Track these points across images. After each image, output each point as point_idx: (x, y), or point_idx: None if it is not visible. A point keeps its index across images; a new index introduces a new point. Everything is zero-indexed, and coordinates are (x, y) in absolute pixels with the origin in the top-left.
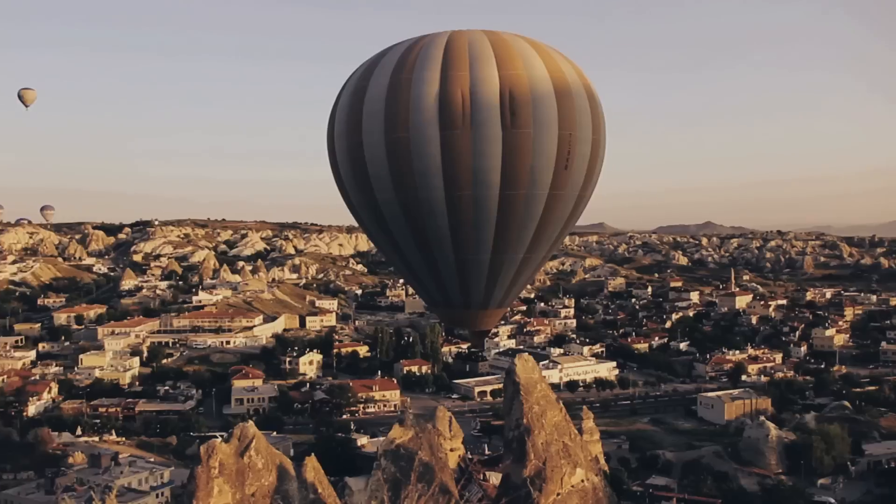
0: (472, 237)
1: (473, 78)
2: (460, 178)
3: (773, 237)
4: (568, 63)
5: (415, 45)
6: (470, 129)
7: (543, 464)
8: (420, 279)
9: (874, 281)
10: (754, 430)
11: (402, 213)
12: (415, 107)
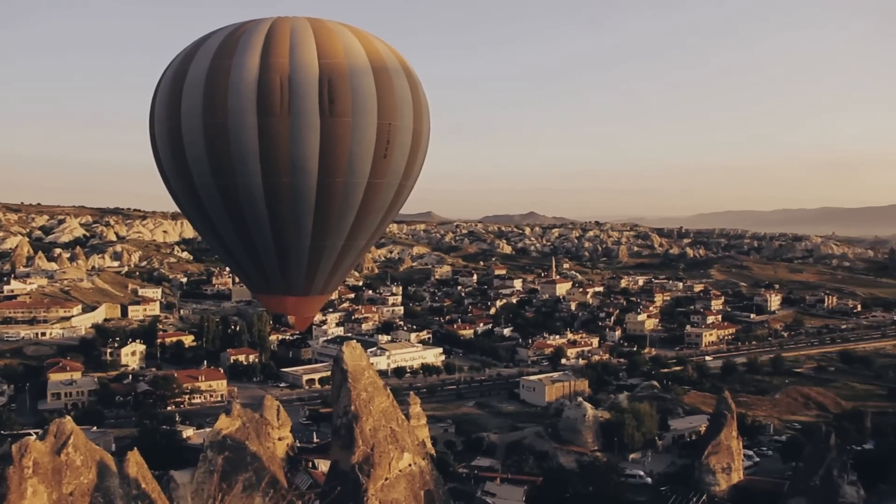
0: (292, 224)
1: (293, 65)
2: (278, 165)
3: (591, 228)
4: (391, 52)
5: (237, 30)
6: (288, 116)
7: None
8: (242, 266)
9: (681, 269)
10: (573, 410)
11: (222, 200)
12: (233, 92)
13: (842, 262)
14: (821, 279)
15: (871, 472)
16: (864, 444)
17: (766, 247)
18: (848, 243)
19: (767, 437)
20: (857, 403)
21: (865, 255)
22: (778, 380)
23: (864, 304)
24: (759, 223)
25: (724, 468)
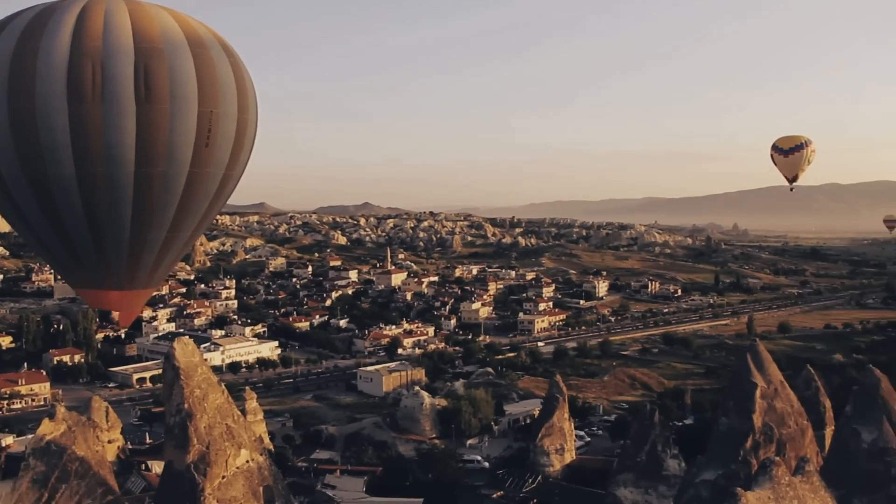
0: (109, 216)
1: (107, 48)
2: (92, 154)
3: (425, 218)
4: (213, 36)
5: (46, 9)
6: (101, 102)
7: (207, 448)
8: (59, 261)
9: (513, 258)
10: (410, 399)
11: (32, 191)
12: (41, 76)
13: (664, 250)
14: (645, 266)
15: (690, 445)
16: (684, 420)
17: (593, 235)
18: (669, 231)
19: (597, 418)
20: (678, 382)
21: (685, 242)
22: (606, 362)
23: (683, 289)
24: (587, 213)
25: (558, 449)
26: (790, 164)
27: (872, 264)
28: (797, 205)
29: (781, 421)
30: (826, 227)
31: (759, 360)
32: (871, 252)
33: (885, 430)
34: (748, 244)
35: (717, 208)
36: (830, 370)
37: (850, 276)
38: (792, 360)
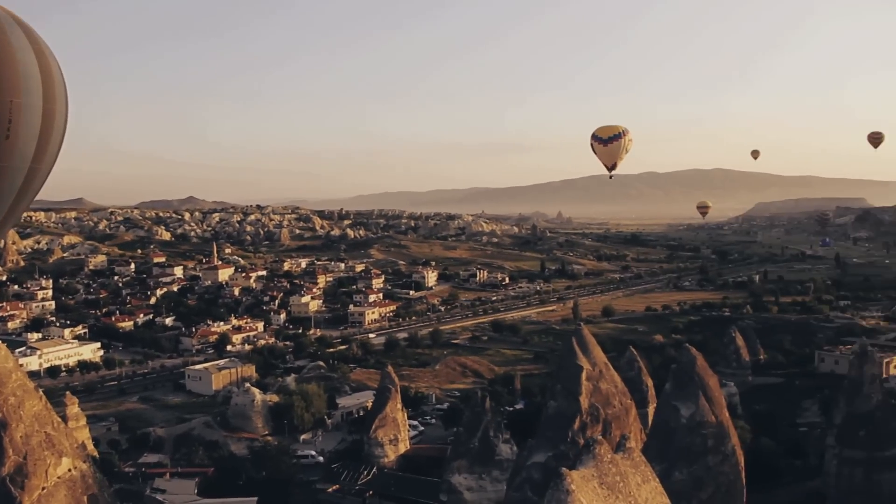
0: None
1: None
2: None
3: (252, 211)
4: (14, 22)
5: None
6: None
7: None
8: None
9: (342, 250)
10: (241, 396)
11: None
12: None
13: (491, 239)
14: (472, 255)
15: (522, 429)
16: (515, 405)
17: (422, 226)
18: (496, 221)
19: (430, 407)
20: (508, 368)
21: (511, 231)
22: (437, 352)
23: (511, 277)
24: (415, 204)
25: (392, 440)
26: (609, 152)
27: (688, 248)
28: (617, 193)
29: (607, 401)
30: (645, 214)
31: (584, 343)
32: (687, 237)
33: (701, 405)
34: (572, 231)
35: (541, 197)
36: (652, 350)
37: (667, 260)
38: (616, 343)
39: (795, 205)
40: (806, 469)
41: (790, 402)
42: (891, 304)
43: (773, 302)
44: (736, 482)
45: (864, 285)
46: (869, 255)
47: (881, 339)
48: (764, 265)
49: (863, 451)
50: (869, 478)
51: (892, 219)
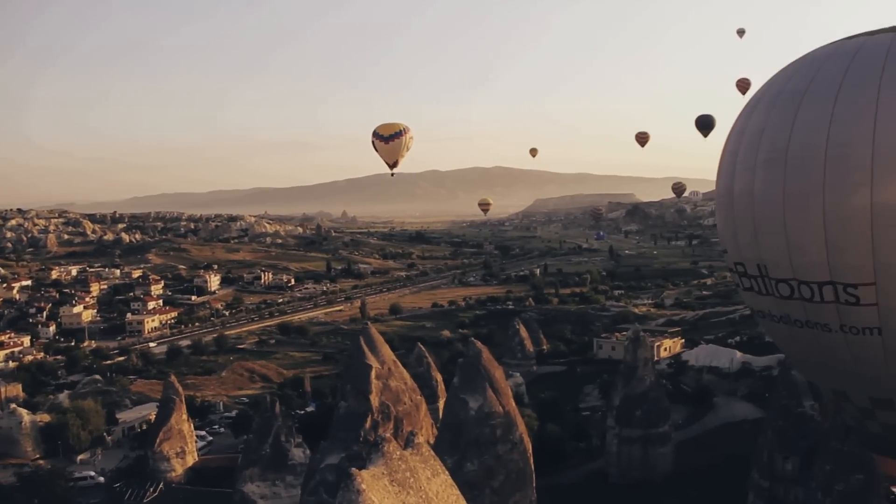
0: None
1: None
2: None
3: (13, 216)
4: None
5: None
6: None
7: None
8: None
9: (117, 256)
10: (6, 419)
11: None
12: None
13: (275, 240)
14: (256, 257)
15: (313, 431)
16: (306, 408)
17: (202, 228)
18: (280, 221)
19: (218, 416)
20: (297, 371)
21: (296, 231)
22: (223, 358)
23: (296, 278)
24: (194, 205)
25: (178, 453)
26: (391, 150)
27: (471, 245)
28: (401, 191)
29: (397, 398)
30: (429, 212)
31: (372, 342)
32: (470, 233)
33: (488, 397)
34: (357, 231)
35: (326, 197)
36: (440, 346)
37: (452, 256)
38: (404, 340)
39: (572, 201)
40: (590, 450)
41: (573, 389)
42: (659, 292)
43: (554, 294)
44: (525, 468)
45: (636, 275)
46: (639, 247)
47: (652, 325)
48: (544, 259)
49: (639, 429)
50: (646, 453)
51: (659, 213)
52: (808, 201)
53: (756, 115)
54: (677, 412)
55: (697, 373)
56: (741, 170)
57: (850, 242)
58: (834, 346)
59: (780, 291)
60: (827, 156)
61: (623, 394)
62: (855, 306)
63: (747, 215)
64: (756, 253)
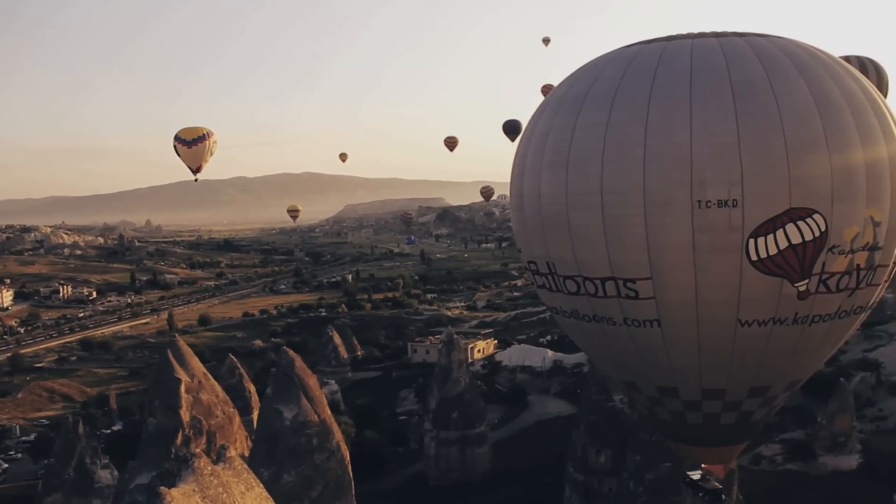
0: None
1: None
2: None
3: None
4: None
5: None
6: None
7: None
8: None
9: None
10: None
11: None
12: None
13: (74, 251)
14: (54, 269)
15: (121, 451)
16: (112, 427)
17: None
18: (79, 232)
19: (15, 441)
20: (102, 388)
21: (96, 242)
22: (19, 378)
23: (98, 291)
24: None
25: None
26: (194, 154)
27: (281, 252)
28: (208, 199)
29: (209, 412)
30: (237, 219)
31: (181, 355)
32: (280, 240)
33: (303, 406)
34: (162, 240)
35: (128, 205)
36: (252, 356)
37: (262, 264)
38: (215, 351)
39: (382, 205)
40: (408, 454)
41: (389, 394)
42: (471, 294)
43: (367, 299)
44: (344, 476)
45: (448, 278)
46: (450, 251)
47: (465, 327)
48: (356, 264)
49: (456, 430)
50: (464, 454)
51: (469, 216)
52: (587, 201)
53: (543, 118)
54: (493, 412)
55: (511, 373)
56: (529, 172)
57: (627, 239)
58: (620, 339)
59: (568, 288)
60: (604, 158)
61: (439, 396)
62: (635, 300)
63: (536, 215)
64: (545, 251)
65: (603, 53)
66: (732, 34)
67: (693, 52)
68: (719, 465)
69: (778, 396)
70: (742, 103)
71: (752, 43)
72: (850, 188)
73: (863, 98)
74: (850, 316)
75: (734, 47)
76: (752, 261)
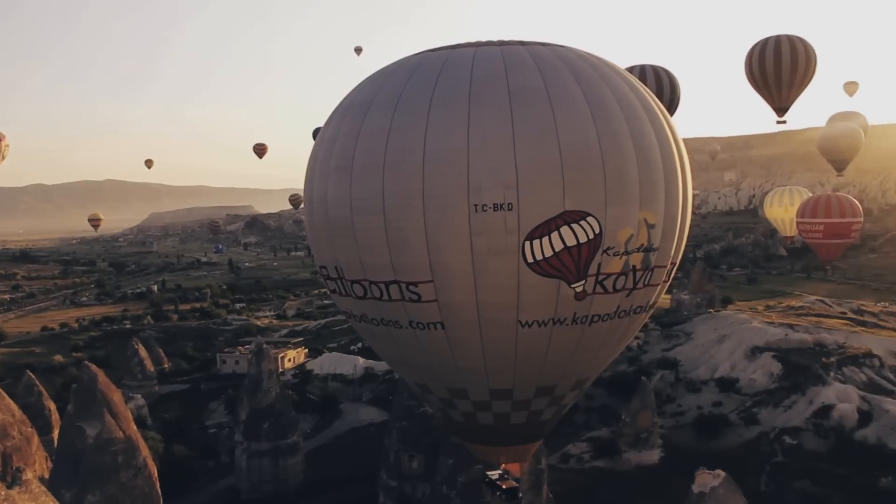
0: None
1: None
2: None
3: None
4: None
5: None
6: None
7: None
8: None
9: None
10: None
11: None
12: None
13: None
14: None
15: None
16: None
17: None
18: None
19: None
20: None
21: None
22: None
23: None
24: None
25: None
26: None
27: (83, 262)
28: (3, 207)
29: (4, 433)
30: (34, 229)
31: None
32: (81, 250)
33: (107, 423)
34: None
35: None
36: (52, 372)
37: (62, 275)
38: (11, 368)
39: (188, 214)
40: (219, 468)
41: (198, 406)
42: (281, 303)
43: (174, 310)
44: (151, 493)
45: (257, 287)
46: (259, 259)
47: (275, 337)
48: (162, 274)
49: (268, 442)
50: (276, 465)
51: (278, 224)
52: (370, 206)
53: (332, 125)
54: (305, 422)
55: (323, 381)
56: (318, 177)
57: (408, 243)
58: (407, 342)
59: (356, 292)
60: (385, 163)
61: (249, 408)
62: (418, 303)
63: (324, 220)
64: (333, 256)
65: (393, 62)
66: (516, 43)
67: (475, 60)
68: (516, 463)
69: (566, 395)
70: (518, 110)
71: (533, 51)
72: (623, 192)
73: (638, 105)
74: (630, 315)
75: (514, 55)
76: (529, 263)
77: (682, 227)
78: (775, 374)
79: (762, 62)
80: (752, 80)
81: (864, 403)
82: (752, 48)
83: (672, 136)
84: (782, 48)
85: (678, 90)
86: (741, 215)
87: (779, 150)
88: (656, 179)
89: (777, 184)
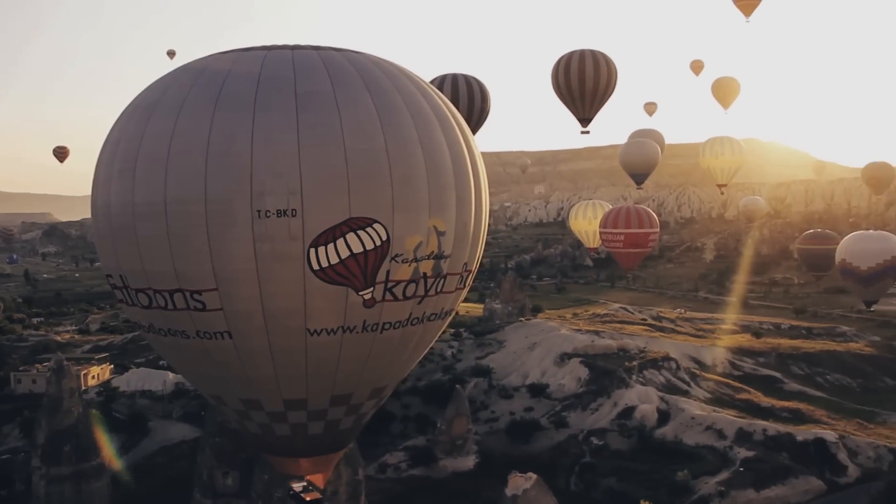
0: None
1: None
2: None
3: None
4: None
5: None
6: None
7: None
8: None
9: None
10: None
11: None
12: None
13: None
14: None
15: None
16: None
17: None
18: None
19: None
20: None
21: None
22: None
23: None
24: None
25: None
26: None
27: None
28: None
29: None
30: None
31: None
32: None
33: None
34: None
35: None
36: None
37: None
38: None
39: None
40: (14, 496)
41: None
42: (84, 317)
43: None
44: None
45: (57, 300)
46: (59, 270)
47: (78, 353)
48: None
49: (69, 465)
50: (79, 491)
51: (80, 233)
52: (152, 211)
53: (118, 126)
54: (112, 441)
55: (130, 398)
56: (102, 181)
57: (191, 250)
58: (196, 353)
59: (141, 301)
60: (168, 167)
61: (48, 430)
62: (203, 312)
63: (107, 226)
64: (117, 264)
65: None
66: (309, 47)
67: (265, 63)
68: (319, 474)
69: (364, 404)
70: (305, 114)
71: (324, 56)
72: (411, 199)
73: (430, 112)
74: (424, 323)
75: (305, 59)
76: (314, 270)
77: (477, 234)
78: (583, 379)
79: (567, 74)
80: (559, 91)
81: (663, 403)
82: (559, 61)
83: (466, 145)
84: (586, 62)
85: (489, 100)
86: (550, 227)
87: (585, 165)
88: (446, 186)
89: (583, 197)
